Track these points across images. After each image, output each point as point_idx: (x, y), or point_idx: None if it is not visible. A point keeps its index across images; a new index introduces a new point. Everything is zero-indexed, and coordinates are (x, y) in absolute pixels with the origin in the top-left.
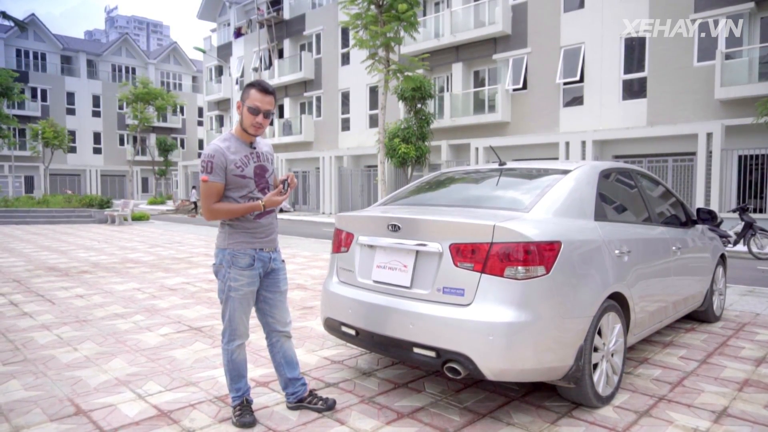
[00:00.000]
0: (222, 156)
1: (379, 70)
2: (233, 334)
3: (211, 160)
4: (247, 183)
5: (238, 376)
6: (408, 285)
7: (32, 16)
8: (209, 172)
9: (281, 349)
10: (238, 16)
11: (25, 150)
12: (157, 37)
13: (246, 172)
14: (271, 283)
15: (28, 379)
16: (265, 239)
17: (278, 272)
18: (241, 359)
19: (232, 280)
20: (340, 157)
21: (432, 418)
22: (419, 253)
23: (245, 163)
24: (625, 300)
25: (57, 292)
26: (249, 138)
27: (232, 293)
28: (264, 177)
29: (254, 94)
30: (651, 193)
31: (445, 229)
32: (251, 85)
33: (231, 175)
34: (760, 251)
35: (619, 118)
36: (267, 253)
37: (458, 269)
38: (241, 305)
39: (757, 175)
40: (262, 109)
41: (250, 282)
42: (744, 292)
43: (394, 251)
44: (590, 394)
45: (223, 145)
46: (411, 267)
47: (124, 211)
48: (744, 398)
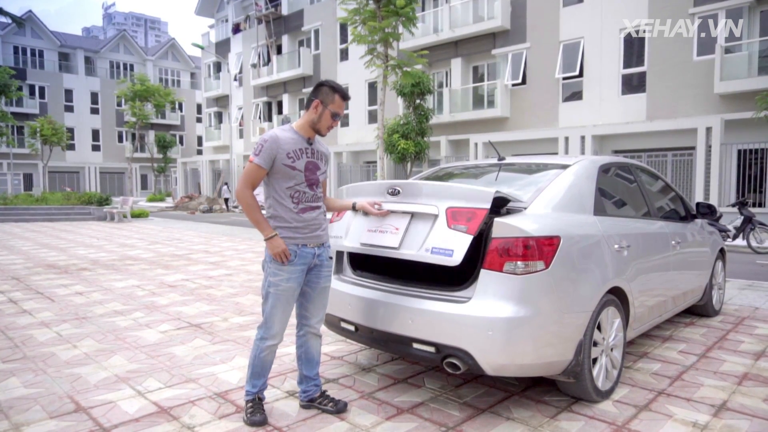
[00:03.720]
0: (275, 143)
1: (378, 65)
2: (267, 332)
3: (263, 144)
4: (296, 175)
5: (260, 373)
6: (396, 246)
7: (29, 13)
8: (257, 154)
9: (305, 344)
10: (236, 12)
11: (24, 147)
12: (155, 34)
13: (297, 164)
14: (312, 278)
15: (27, 376)
16: (310, 234)
17: (321, 268)
18: (269, 359)
19: (272, 274)
20: (340, 153)
21: (432, 414)
22: (414, 216)
23: (298, 155)
24: (625, 294)
25: (56, 289)
26: (310, 134)
27: (272, 288)
28: (315, 174)
29: (339, 101)
30: (650, 187)
31: (445, 193)
32: (335, 89)
33: (281, 164)
34: (759, 245)
35: (619, 112)
36: (311, 249)
37: (450, 230)
38: (279, 302)
39: (757, 170)
40: (341, 114)
41: (290, 278)
42: (743, 286)
43: (389, 216)
44: (590, 389)
45: (280, 134)
46: (403, 230)
47: (124, 208)
48: (743, 392)
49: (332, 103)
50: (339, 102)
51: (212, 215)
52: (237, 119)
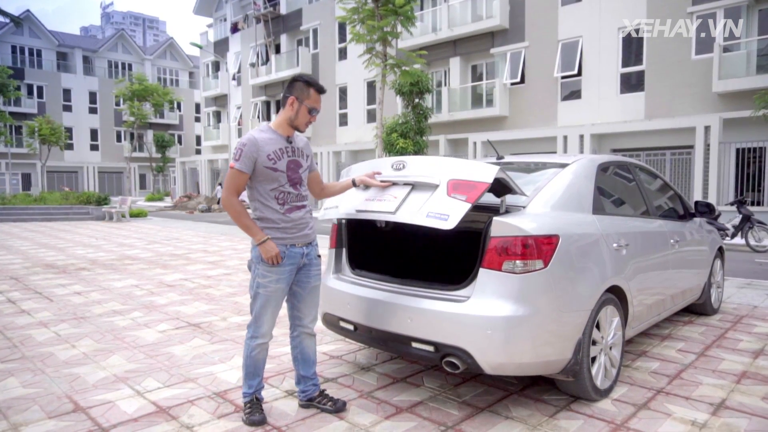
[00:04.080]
0: (254, 146)
1: (377, 64)
2: (257, 331)
3: (242, 148)
4: (279, 176)
5: (254, 373)
6: (392, 211)
7: (27, 12)
8: (237, 159)
9: (300, 345)
10: (235, 11)
11: (22, 147)
12: (154, 33)
13: (278, 165)
14: (301, 277)
15: (26, 376)
16: (298, 234)
17: (311, 267)
18: (261, 358)
19: (261, 276)
20: (338, 153)
21: (431, 413)
22: (415, 186)
23: (279, 156)
24: (623, 293)
25: (55, 289)
26: (289, 132)
27: (260, 289)
28: (297, 172)
29: (314, 95)
30: (649, 186)
31: (449, 167)
32: (309, 84)
33: (262, 166)
34: (757, 244)
35: (617, 111)
36: (299, 249)
37: (449, 198)
38: (268, 302)
39: (755, 168)
40: (318, 109)
41: (279, 279)
42: (742, 284)
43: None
44: (589, 388)
45: (258, 136)
46: (401, 198)
47: (122, 208)
48: (742, 390)
49: (308, 98)
50: (315, 96)
51: (211, 215)
52: (236, 118)
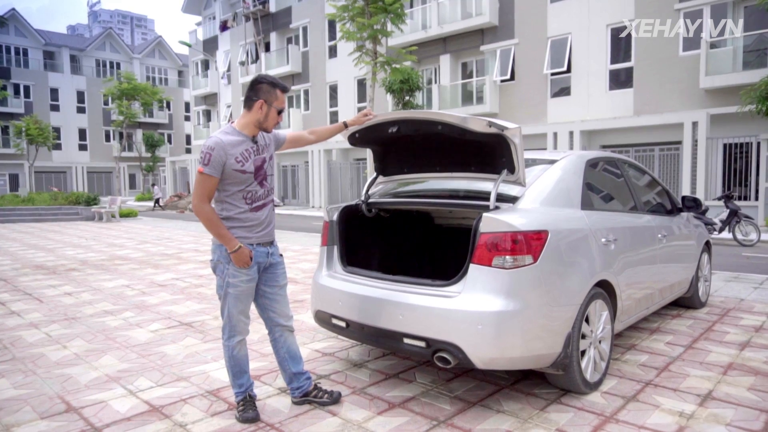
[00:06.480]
0: (222, 149)
1: (367, 62)
2: (233, 331)
3: (210, 152)
4: (246, 178)
5: (240, 371)
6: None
7: (12, 11)
8: (206, 164)
9: (285, 343)
10: (224, 9)
11: (9, 148)
12: (142, 32)
13: (246, 167)
14: (269, 277)
15: (17, 377)
16: (262, 232)
17: (277, 266)
18: (242, 355)
19: (231, 276)
20: (329, 151)
21: (423, 408)
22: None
23: (246, 157)
24: (612, 287)
25: (45, 290)
26: (255, 132)
27: (231, 289)
28: (263, 168)
29: (281, 96)
30: (637, 181)
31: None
32: (275, 85)
33: (231, 169)
34: (744, 238)
35: (607, 108)
36: (264, 248)
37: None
38: (239, 301)
39: (742, 163)
40: (284, 108)
41: (249, 278)
42: (729, 278)
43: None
44: (578, 381)
45: (225, 139)
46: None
47: (112, 208)
48: (728, 381)
49: (276, 99)
50: (282, 97)
51: None
52: (226, 117)
